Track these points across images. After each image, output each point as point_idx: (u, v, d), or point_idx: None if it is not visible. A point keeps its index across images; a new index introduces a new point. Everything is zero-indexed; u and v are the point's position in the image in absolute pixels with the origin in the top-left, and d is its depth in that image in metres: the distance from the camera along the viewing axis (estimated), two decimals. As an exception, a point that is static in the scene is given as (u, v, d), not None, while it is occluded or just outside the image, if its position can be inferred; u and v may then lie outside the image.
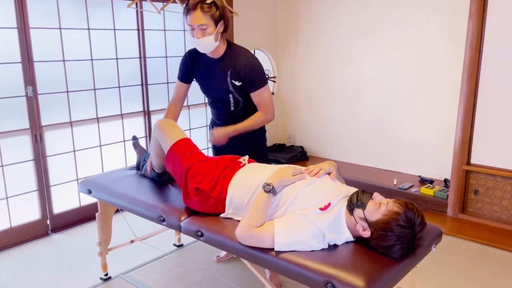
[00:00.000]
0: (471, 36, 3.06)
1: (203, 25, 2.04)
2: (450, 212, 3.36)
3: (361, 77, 4.16)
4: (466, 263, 2.72)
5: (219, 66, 2.23)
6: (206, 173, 1.91)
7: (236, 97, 2.26)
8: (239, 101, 2.28)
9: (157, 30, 3.65)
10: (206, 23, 2.04)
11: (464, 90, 3.15)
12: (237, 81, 2.21)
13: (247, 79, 2.20)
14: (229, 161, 2.00)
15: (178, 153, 1.99)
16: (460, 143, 3.23)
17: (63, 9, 3.04)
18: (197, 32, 2.06)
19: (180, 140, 2.02)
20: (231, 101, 2.28)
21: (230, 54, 2.21)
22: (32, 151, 3.01)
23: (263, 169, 1.88)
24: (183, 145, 2.01)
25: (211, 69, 2.26)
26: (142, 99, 3.63)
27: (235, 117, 2.31)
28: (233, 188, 1.84)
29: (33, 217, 3.08)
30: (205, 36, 2.07)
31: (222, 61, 2.22)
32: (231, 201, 1.84)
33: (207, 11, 2.03)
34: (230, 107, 2.31)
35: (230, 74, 2.20)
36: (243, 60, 2.19)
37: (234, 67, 2.19)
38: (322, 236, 1.57)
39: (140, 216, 2.09)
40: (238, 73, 2.19)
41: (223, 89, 2.24)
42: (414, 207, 1.52)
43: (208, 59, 2.25)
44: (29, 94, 2.91)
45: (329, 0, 4.23)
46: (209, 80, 2.29)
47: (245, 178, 1.85)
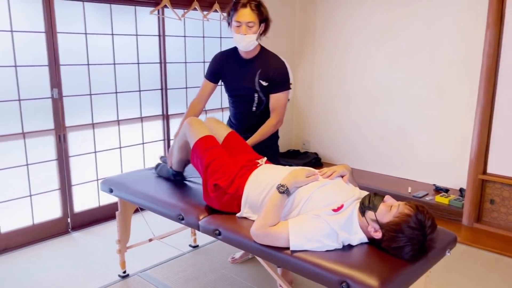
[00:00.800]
0: (488, 46, 3.08)
1: (251, 22, 2.22)
2: (465, 221, 3.35)
3: (376, 85, 4.19)
4: (480, 272, 2.72)
5: (250, 66, 2.36)
6: (224, 171, 1.98)
7: (261, 97, 2.38)
8: (262, 101, 2.39)
9: (178, 36, 3.75)
10: (254, 21, 2.22)
11: (480, 99, 3.16)
12: (265, 81, 2.34)
13: (275, 80, 2.33)
14: (247, 161, 2.06)
15: (200, 149, 2.06)
16: (476, 152, 3.23)
17: (88, 14, 3.16)
18: (244, 28, 2.22)
19: (203, 136, 2.09)
20: (255, 100, 2.39)
21: (262, 55, 2.37)
22: (55, 151, 3.11)
23: (279, 170, 1.93)
24: (206, 142, 2.08)
25: (241, 68, 2.39)
26: (162, 103, 3.72)
27: (253, 118, 2.43)
28: (249, 187, 1.90)
29: (54, 215, 3.17)
30: (249, 33, 2.23)
31: (254, 61, 2.36)
32: (247, 199, 1.89)
33: (255, 10, 2.22)
34: (252, 107, 2.42)
35: (259, 74, 2.34)
36: (274, 63, 2.36)
37: (266, 67, 2.33)
38: (335, 235, 1.61)
39: (160, 214, 2.15)
40: (268, 73, 2.33)
41: (250, 88, 2.36)
42: (424, 210, 1.55)
43: (240, 59, 2.39)
44: (55, 96, 3.02)
45: (346, 9, 4.29)
46: (237, 78, 2.41)
47: (260, 178, 1.91)
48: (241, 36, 2.23)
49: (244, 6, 2.22)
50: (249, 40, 2.25)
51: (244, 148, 2.20)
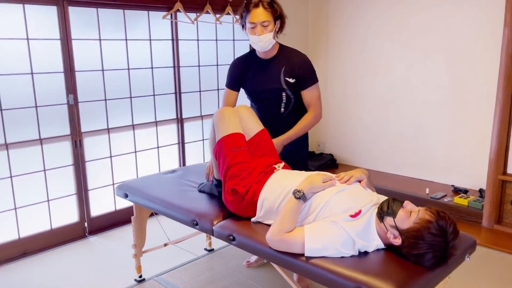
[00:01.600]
0: (507, 44, 3.00)
1: (265, 21, 2.16)
2: (485, 223, 3.28)
3: (391, 85, 4.14)
4: (501, 275, 2.65)
5: (272, 65, 2.31)
6: (243, 177, 1.96)
7: (289, 95, 2.32)
8: (290, 99, 2.33)
9: (191, 40, 3.76)
10: (268, 20, 2.16)
11: (500, 98, 3.09)
12: (291, 78, 2.29)
13: (302, 75, 2.28)
14: (264, 166, 2.04)
15: (226, 147, 2.02)
16: (496, 152, 3.16)
17: (102, 21, 3.19)
18: (259, 29, 2.17)
19: (233, 134, 2.05)
20: (283, 100, 2.32)
21: (283, 53, 2.32)
22: (72, 156, 3.15)
23: (295, 175, 1.91)
24: (234, 140, 2.03)
25: (262, 70, 2.34)
26: (176, 107, 3.74)
27: (282, 121, 2.36)
28: (265, 192, 1.89)
29: (72, 220, 3.21)
30: (265, 33, 2.17)
31: (276, 60, 2.31)
32: (263, 204, 1.88)
33: (268, 8, 2.16)
34: (280, 109, 2.35)
35: (283, 72, 2.29)
36: (297, 57, 2.31)
37: (288, 64, 2.28)
38: (352, 243, 1.58)
39: (174, 219, 2.16)
40: (293, 70, 2.28)
41: (276, 87, 2.30)
42: (446, 216, 1.51)
43: (259, 60, 2.35)
44: (70, 102, 3.06)
45: (359, 8, 4.24)
46: (260, 81, 2.35)
47: (277, 183, 1.89)
48: (257, 37, 2.18)
49: (256, 5, 2.16)
50: (266, 39, 2.20)
51: (269, 150, 2.16)
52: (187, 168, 2.85)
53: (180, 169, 2.79)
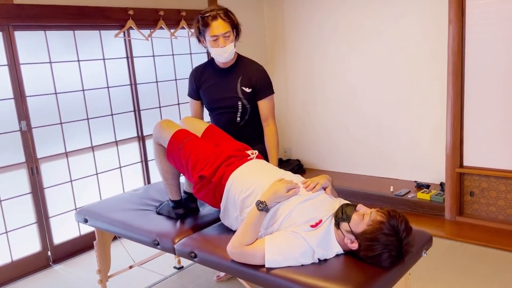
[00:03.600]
0: (452, 41, 3.12)
1: (227, 32, 2.17)
2: (448, 215, 3.37)
3: (350, 88, 4.22)
4: (465, 266, 2.72)
5: (229, 74, 2.33)
6: (206, 157, 1.94)
7: (245, 104, 2.33)
8: (246, 109, 2.35)
9: (146, 56, 3.72)
10: (229, 30, 2.18)
11: (450, 94, 3.20)
12: (247, 88, 2.32)
13: (259, 85, 2.32)
14: (235, 150, 2.02)
15: (174, 148, 2.01)
16: (451, 146, 3.26)
17: (52, 43, 3.12)
18: (221, 41, 2.17)
19: (173, 134, 2.04)
20: (239, 109, 2.33)
21: (241, 62, 2.35)
22: (29, 184, 3.05)
23: (267, 171, 1.89)
24: (177, 138, 2.02)
25: (220, 78, 2.35)
26: (136, 125, 3.68)
27: (238, 130, 2.36)
28: (233, 179, 1.86)
29: (33, 250, 3.10)
30: (228, 44, 2.19)
31: (234, 69, 2.33)
32: (228, 192, 1.86)
33: (226, 19, 2.17)
34: (237, 118, 2.36)
35: (240, 81, 2.31)
36: (255, 68, 2.35)
37: (246, 73, 2.32)
38: (311, 253, 1.59)
39: (136, 241, 2.11)
40: (250, 79, 2.31)
41: (232, 96, 2.32)
42: (396, 214, 1.54)
43: (216, 69, 2.36)
44: (23, 128, 2.96)
45: (314, 14, 4.32)
46: (217, 89, 2.36)
47: (247, 175, 1.86)
48: (221, 49, 2.19)
49: (214, 18, 2.15)
50: (230, 50, 2.21)
51: (226, 137, 2.17)
52: (150, 186, 2.81)
53: (142, 188, 2.74)
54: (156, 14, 3.60)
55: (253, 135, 2.41)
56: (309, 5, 4.32)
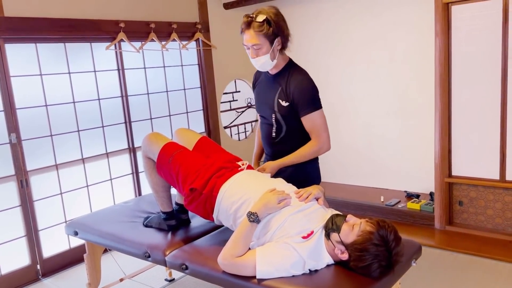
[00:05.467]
0: (439, 54, 3.18)
1: (256, 45, 1.98)
2: (437, 225, 3.40)
3: (340, 99, 4.26)
4: (455, 275, 2.75)
5: (274, 83, 2.13)
6: (196, 169, 1.92)
7: (279, 120, 2.11)
8: (281, 126, 2.12)
9: (137, 68, 3.74)
10: (260, 43, 1.98)
11: (438, 105, 3.25)
12: (284, 101, 2.08)
13: (295, 100, 2.05)
14: (225, 162, 2.00)
15: (163, 162, 2.00)
16: (440, 156, 3.30)
17: (42, 56, 3.12)
18: (251, 52, 2.02)
19: (162, 147, 2.03)
20: (273, 123, 2.13)
21: (286, 72, 2.12)
22: (18, 196, 3.02)
23: (259, 182, 1.88)
24: (166, 152, 2.02)
25: (266, 84, 2.19)
26: (127, 137, 3.68)
27: (274, 146, 2.18)
28: (224, 191, 1.86)
29: (23, 263, 3.06)
30: (259, 55, 2.01)
31: (278, 77, 2.12)
32: (220, 204, 1.86)
33: (260, 30, 1.96)
34: (272, 133, 2.17)
35: (279, 93, 2.09)
36: (295, 80, 2.07)
37: (286, 85, 2.08)
38: (302, 264, 1.60)
39: (127, 254, 2.11)
40: (287, 93, 2.06)
41: (269, 107, 2.13)
42: (386, 224, 1.56)
43: (267, 74, 2.19)
44: (13, 140, 2.95)
45: (301, 26, 4.37)
46: (260, 95, 2.22)
47: (238, 186, 1.86)
48: (252, 59, 2.04)
49: (247, 27, 1.97)
50: (261, 62, 2.03)
51: (218, 148, 2.14)
52: (140, 198, 2.81)
53: (133, 200, 2.74)
54: (147, 26, 3.62)
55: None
56: (299, 19, 4.38)
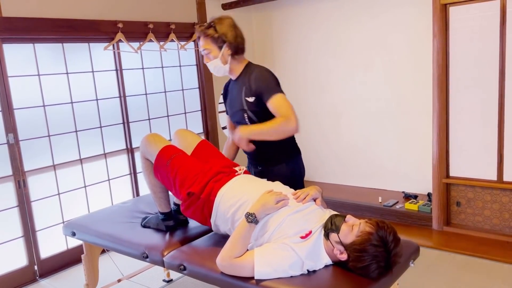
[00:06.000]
0: (437, 54, 3.19)
1: (205, 49, 2.12)
2: (435, 225, 3.40)
3: (337, 100, 4.27)
4: (453, 275, 2.75)
5: (236, 86, 2.20)
6: (194, 176, 1.92)
7: (251, 117, 2.15)
8: (254, 121, 2.16)
9: (136, 69, 3.73)
10: (208, 48, 2.10)
11: (435, 106, 3.26)
12: (250, 97, 2.12)
13: (257, 90, 2.09)
14: (223, 167, 2.00)
15: (161, 164, 1.99)
16: (438, 157, 3.31)
17: (40, 56, 3.11)
18: (204, 57, 2.15)
19: (161, 149, 2.02)
20: (246, 122, 2.17)
21: (246, 72, 2.18)
22: (16, 197, 3.01)
23: (255, 185, 1.88)
24: (164, 154, 2.00)
25: (232, 90, 2.25)
26: (125, 137, 3.68)
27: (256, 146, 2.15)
28: (222, 195, 1.86)
29: (20, 264, 3.05)
30: (210, 60, 2.13)
31: (239, 79, 2.19)
32: (218, 208, 1.86)
33: (206, 35, 2.09)
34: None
35: (244, 91, 2.14)
36: (254, 74, 2.14)
37: (247, 82, 2.14)
38: (301, 264, 1.60)
39: (124, 254, 2.10)
40: (250, 87, 2.12)
41: (240, 109, 2.17)
42: (385, 225, 1.57)
43: (232, 82, 2.26)
44: (11, 141, 2.94)
45: (301, 27, 4.38)
46: (231, 102, 2.27)
47: (235, 189, 1.86)
48: (207, 64, 2.16)
49: (199, 35, 2.12)
50: (213, 66, 2.14)
51: (217, 154, 2.14)
52: (138, 199, 2.80)
53: (131, 201, 2.73)
54: (145, 27, 3.62)
55: (269, 155, 2.19)
56: (297, 19, 4.39)
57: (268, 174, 2.16)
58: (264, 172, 2.20)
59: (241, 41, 2.16)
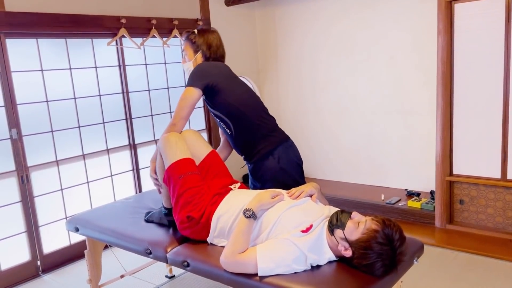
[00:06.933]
0: (441, 52, 3.17)
1: (183, 51, 2.28)
2: (438, 223, 3.40)
3: (340, 97, 4.26)
4: (456, 273, 2.75)
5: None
6: (197, 202, 1.91)
7: (218, 115, 2.18)
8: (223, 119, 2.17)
9: (138, 65, 3.73)
10: (186, 50, 2.26)
11: (439, 103, 3.24)
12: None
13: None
14: (220, 188, 2.01)
15: (173, 176, 1.95)
16: (441, 155, 3.30)
17: (43, 51, 3.11)
18: (182, 58, 2.33)
19: (180, 160, 1.96)
20: (218, 122, 2.21)
21: None
22: (19, 192, 3.01)
23: (248, 194, 1.90)
24: (180, 167, 1.95)
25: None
26: (127, 133, 3.67)
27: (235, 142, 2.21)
28: (218, 212, 1.87)
29: (23, 259, 3.05)
30: (185, 61, 2.29)
31: None
32: (217, 224, 1.86)
33: (186, 40, 2.27)
34: (227, 131, 2.21)
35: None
36: None
37: None
38: (304, 258, 1.60)
39: (128, 250, 2.10)
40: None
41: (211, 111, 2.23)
42: (391, 223, 1.56)
43: None
44: (14, 136, 2.94)
45: (304, 25, 4.36)
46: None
47: (229, 203, 1.88)
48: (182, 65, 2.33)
49: (183, 35, 2.32)
50: (186, 67, 2.28)
51: (222, 171, 2.12)
52: (141, 195, 2.80)
53: (134, 197, 2.73)
54: (148, 23, 3.61)
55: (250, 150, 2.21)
56: (301, 15, 4.37)
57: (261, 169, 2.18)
58: (256, 168, 2.20)
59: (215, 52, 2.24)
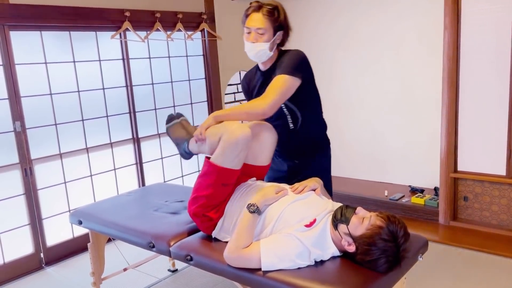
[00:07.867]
0: (448, 47, 3.14)
1: (261, 29, 1.93)
2: (442, 220, 3.38)
3: (345, 93, 4.23)
4: (459, 270, 2.74)
5: (267, 76, 2.02)
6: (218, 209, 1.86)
7: (291, 107, 2.02)
8: (294, 112, 2.03)
9: (142, 58, 3.71)
10: (264, 28, 1.93)
11: (445, 99, 3.22)
12: None
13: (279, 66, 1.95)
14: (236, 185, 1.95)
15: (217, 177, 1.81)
16: (446, 151, 3.28)
17: (47, 44, 3.10)
18: (252, 36, 1.94)
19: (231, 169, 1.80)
20: (286, 114, 2.04)
21: (279, 60, 2.02)
22: (22, 185, 3.02)
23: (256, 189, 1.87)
24: (227, 176, 1.81)
25: (263, 83, 2.04)
26: (131, 127, 3.67)
27: (296, 138, 2.08)
28: (227, 207, 1.86)
29: (26, 252, 3.07)
30: (259, 41, 1.94)
31: (273, 69, 2.01)
32: (223, 221, 1.85)
33: (269, 15, 1.93)
34: (289, 125, 2.06)
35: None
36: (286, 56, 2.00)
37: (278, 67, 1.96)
38: (308, 253, 1.59)
39: (131, 243, 2.10)
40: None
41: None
42: (396, 220, 1.55)
43: (259, 74, 2.10)
44: (17, 129, 2.94)
45: (308, 20, 4.33)
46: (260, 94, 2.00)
47: (237, 199, 1.86)
48: (250, 44, 1.95)
49: (256, 10, 1.93)
50: (259, 49, 1.94)
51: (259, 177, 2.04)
52: (144, 188, 2.80)
53: (137, 190, 2.73)
54: (152, 16, 3.59)
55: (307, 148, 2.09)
56: (306, 11, 4.34)
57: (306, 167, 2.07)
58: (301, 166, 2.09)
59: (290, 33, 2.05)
